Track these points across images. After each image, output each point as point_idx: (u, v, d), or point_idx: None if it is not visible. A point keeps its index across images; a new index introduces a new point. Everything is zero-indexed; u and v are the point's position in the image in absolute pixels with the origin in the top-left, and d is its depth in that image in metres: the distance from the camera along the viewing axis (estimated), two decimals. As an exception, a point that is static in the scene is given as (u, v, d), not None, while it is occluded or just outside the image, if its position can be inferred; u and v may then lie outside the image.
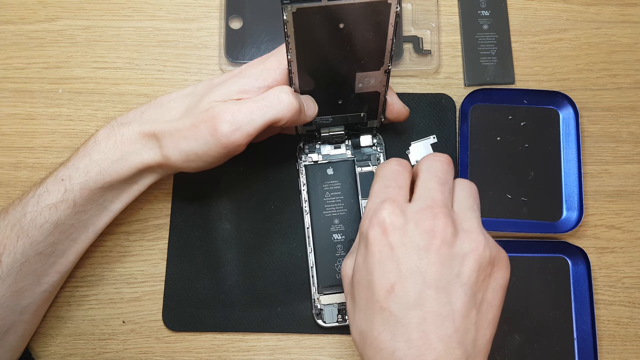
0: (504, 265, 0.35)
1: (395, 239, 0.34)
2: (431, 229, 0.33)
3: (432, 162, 0.37)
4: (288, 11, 0.34)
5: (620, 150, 0.51)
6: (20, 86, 0.51)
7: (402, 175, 0.37)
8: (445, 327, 0.32)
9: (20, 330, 0.42)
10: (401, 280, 0.33)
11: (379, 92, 0.42)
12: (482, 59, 0.52)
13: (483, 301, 0.33)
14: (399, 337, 0.32)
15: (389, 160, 0.38)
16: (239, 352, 0.46)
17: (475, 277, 0.33)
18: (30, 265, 0.40)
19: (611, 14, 0.53)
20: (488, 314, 0.33)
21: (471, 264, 0.33)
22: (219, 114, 0.39)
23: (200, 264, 0.47)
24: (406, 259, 0.33)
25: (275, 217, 0.48)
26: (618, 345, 0.47)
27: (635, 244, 0.49)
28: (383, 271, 0.33)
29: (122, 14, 0.53)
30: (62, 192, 0.40)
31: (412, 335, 0.32)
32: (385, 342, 0.32)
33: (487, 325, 0.33)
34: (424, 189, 0.36)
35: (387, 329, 0.33)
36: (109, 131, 0.42)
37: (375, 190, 0.37)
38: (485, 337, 0.33)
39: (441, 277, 0.33)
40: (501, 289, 0.34)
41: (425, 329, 0.32)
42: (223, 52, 0.51)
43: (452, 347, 0.32)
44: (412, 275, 0.33)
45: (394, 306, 0.32)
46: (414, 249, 0.33)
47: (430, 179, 0.36)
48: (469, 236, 0.34)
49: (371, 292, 0.33)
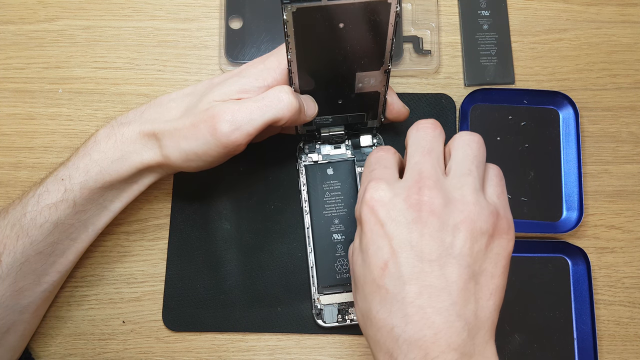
0: (503, 232, 0.33)
1: (383, 215, 0.33)
2: (417, 201, 0.33)
3: (417, 132, 0.36)
4: (288, 11, 0.34)
5: (620, 150, 0.50)
6: (20, 86, 0.51)
7: (386, 158, 0.37)
8: (441, 300, 0.31)
9: (20, 329, 0.42)
10: (394, 256, 0.32)
11: (379, 92, 0.42)
12: (482, 59, 0.52)
13: (482, 272, 0.32)
14: (396, 314, 0.32)
15: (373, 150, 0.39)
16: (239, 352, 0.46)
17: (468, 248, 0.32)
18: (30, 265, 0.40)
19: (611, 14, 0.53)
20: (489, 284, 0.32)
21: (463, 235, 0.32)
22: (219, 114, 0.39)
23: (200, 264, 0.47)
24: (397, 233, 0.33)
25: (275, 217, 0.48)
26: (618, 345, 0.47)
27: (635, 244, 0.49)
28: (376, 249, 0.33)
29: (122, 14, 0.53)
30: (62, 191, 0.40)
31: (408, 310, 0.31)
32: (384, 319, 0.32)
33: (488, 296, 0.32)
34: (411, 163, 0.35)
35: (384, 306, 0.32)
36: (109, 131, 0.42)
37: (363, 177, 0.37)
38: (488, 308, 0.32)
39: (433, 249, 0.32)
40: (502, 259, 0.33)
41: (422, 303, 0.31)
42: (223, 52, 0.51)
43: (451, 319, 0.31)
44: (403, 250, 0.32)
45: (389, 282, 0.32)
46: (403, 222, 0.33)
47: (416, 151, 0.36)
48: (459, 206, 0.33)
49: (368, 271, 0.33)
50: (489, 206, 0.33)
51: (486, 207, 0.33)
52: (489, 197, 0.35)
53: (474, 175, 0.34)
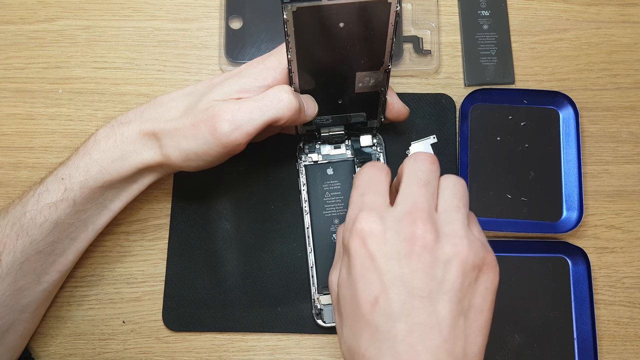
0: (491, 268, 0.33)
1: (375, 249, 0.32)
2: (411, 235, 0.32)
3: (415, 162, 0.36)
4: (288, 10, 0.34)
5: (620, 150, 0.51)
6: (20, 86, 0.52)
7: (378, 180, 0.36)
8: (432, 338, 0.31)
9: (20, 329, 0.42)
10: (384, 292, 0.32)
11: (379, 92, 0.42)
12: (482, 59, 0.52)
13: (471, 307, 0.32)
14: (385, 352, 0.31)
15: (365, 166, 0.37)
16: (239, 352, 0.46)
17: (460, 283, 0.31)
18: (30, 264, 0.40)
19: (611, 14, 0.53)
20: (478, 320, 0.32)
21: (455, 270, 0.32)
22: (219, 113, 0.39)
23: (200, 264, 0.47)
24: (388, 268, 0.32)
25: (275, 217, 0.48)
26: (618, 345, 0.47)
27: (635, 244, 0.49)
28: (366, 283, 0.32)
29: (122, 14, 0.53)
30: (62, 191, 0.40)
31: (398, 349, 0.30)
32: (373, 357, 0.31)
33: (477, 332, 0.32)
34: (405, 193, 0.34)
35: (373, 344, 0.31)
36: (109, 130, 0.42)
37: (353, 200, 0.36)
38: (477, 344, 0.32)
39: (424, 285, 0.31)
40: (490, 294, 0.33)
41: (412, 342, 0.30)
42: (223, 52, 0.51)
43: (441, 357, 0.30)
44: (394, 286, 0.31)
45: (379, 319, 0.31)
46: (394, 257, 0.32)
47: (412, 182, 0.35)
48: (451, 240, 0.32)
49: (356, 306, 0.32)
50: (477, 241, 0.33)
51: (475, 241, 0.33)
52: (474, 233, 0.34)
53: (462, 212, 0.34)
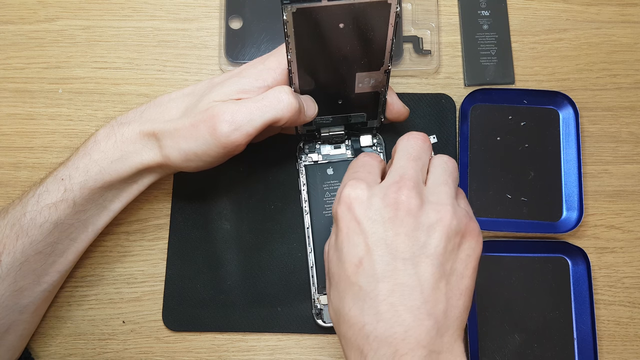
0: (474, 236, 0.34)
1: (360, 213, 0.34)
2: (395, 200, 0.34)
3: (407, 140, 0.37)
4: (288, 11, 0.34)
5: (620, 150, 0.50)
6: (20, 86, 0.52)
7: (371, 164, 0.38)
8: (413, 298, 0.32)
9: (19, 329, 0.42)
10: (368, 253, 0.33)
11: (379, 92, 0.42)
12: (482, 59, 0.52)
13: (453, 272, 0.33)
14: (367, 311, 0.32)
15: (359, 155, 0.39)
16: (239, 352, 0.46)
17: (442, 248, 0.33)
18: (29, 265, 0.40)
19: (611, 14, 0.53)
20: (459, 284, 0.33)
21: (438, 235, 0.33)
22: (219, 114, 0.39)
23: (200, 264, 0.47)
24: (372, 231, 0.33)
25: (275, 217, 0.48)
26: (618, 345, 0.47)
27: (635, 244, 0.49)
28: (351, 246, 0.34)
29: (122, 14, 0.53)
30: (62, 191, 0.40)
31: (380, 308, 0.32)
32: (356, 317, 0.33)
33: (458, 296, 0.33)
34: (395, 166, 0.36)
35: (356, 303, 0.33)
36: (109, 131, 0.42)
37: (344, 178, 0.38)
38: (458, 308, 0.33)
39: (407, 248, 0.33)
40: (472, 260, 0.34)
41: (393, 301, 0.32)
42: (223, 52, 0.51)
43: (421, 318, 0.31)
44: (378, 248, 0.33)
45: (362, 280, 0.33)
46: (379, 221, 0.33)
47: (402, 156, 0.36)
48: (435, 207, 0.34)
49: (342, 268, 0.34)
50: (462, 210, 0.35)
51: (460, 210, 0.34)
52: (460, 205, 0.36)
53: (450, 186, 0.36)
